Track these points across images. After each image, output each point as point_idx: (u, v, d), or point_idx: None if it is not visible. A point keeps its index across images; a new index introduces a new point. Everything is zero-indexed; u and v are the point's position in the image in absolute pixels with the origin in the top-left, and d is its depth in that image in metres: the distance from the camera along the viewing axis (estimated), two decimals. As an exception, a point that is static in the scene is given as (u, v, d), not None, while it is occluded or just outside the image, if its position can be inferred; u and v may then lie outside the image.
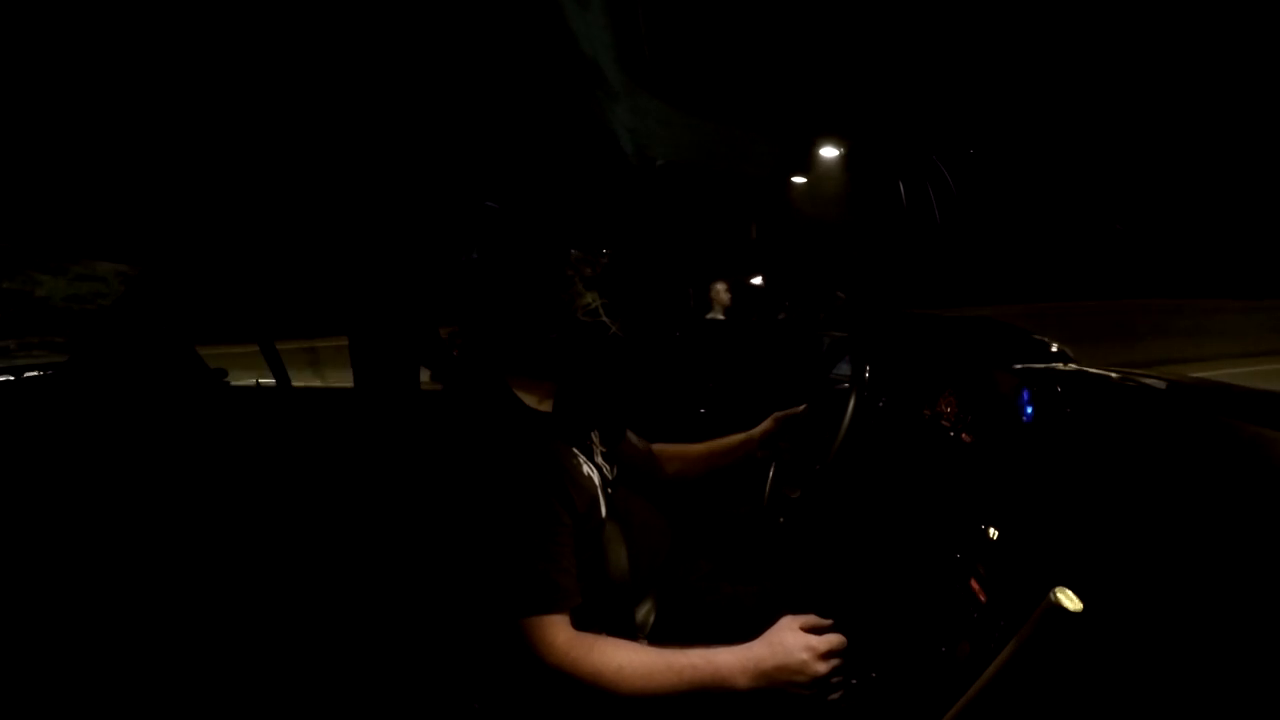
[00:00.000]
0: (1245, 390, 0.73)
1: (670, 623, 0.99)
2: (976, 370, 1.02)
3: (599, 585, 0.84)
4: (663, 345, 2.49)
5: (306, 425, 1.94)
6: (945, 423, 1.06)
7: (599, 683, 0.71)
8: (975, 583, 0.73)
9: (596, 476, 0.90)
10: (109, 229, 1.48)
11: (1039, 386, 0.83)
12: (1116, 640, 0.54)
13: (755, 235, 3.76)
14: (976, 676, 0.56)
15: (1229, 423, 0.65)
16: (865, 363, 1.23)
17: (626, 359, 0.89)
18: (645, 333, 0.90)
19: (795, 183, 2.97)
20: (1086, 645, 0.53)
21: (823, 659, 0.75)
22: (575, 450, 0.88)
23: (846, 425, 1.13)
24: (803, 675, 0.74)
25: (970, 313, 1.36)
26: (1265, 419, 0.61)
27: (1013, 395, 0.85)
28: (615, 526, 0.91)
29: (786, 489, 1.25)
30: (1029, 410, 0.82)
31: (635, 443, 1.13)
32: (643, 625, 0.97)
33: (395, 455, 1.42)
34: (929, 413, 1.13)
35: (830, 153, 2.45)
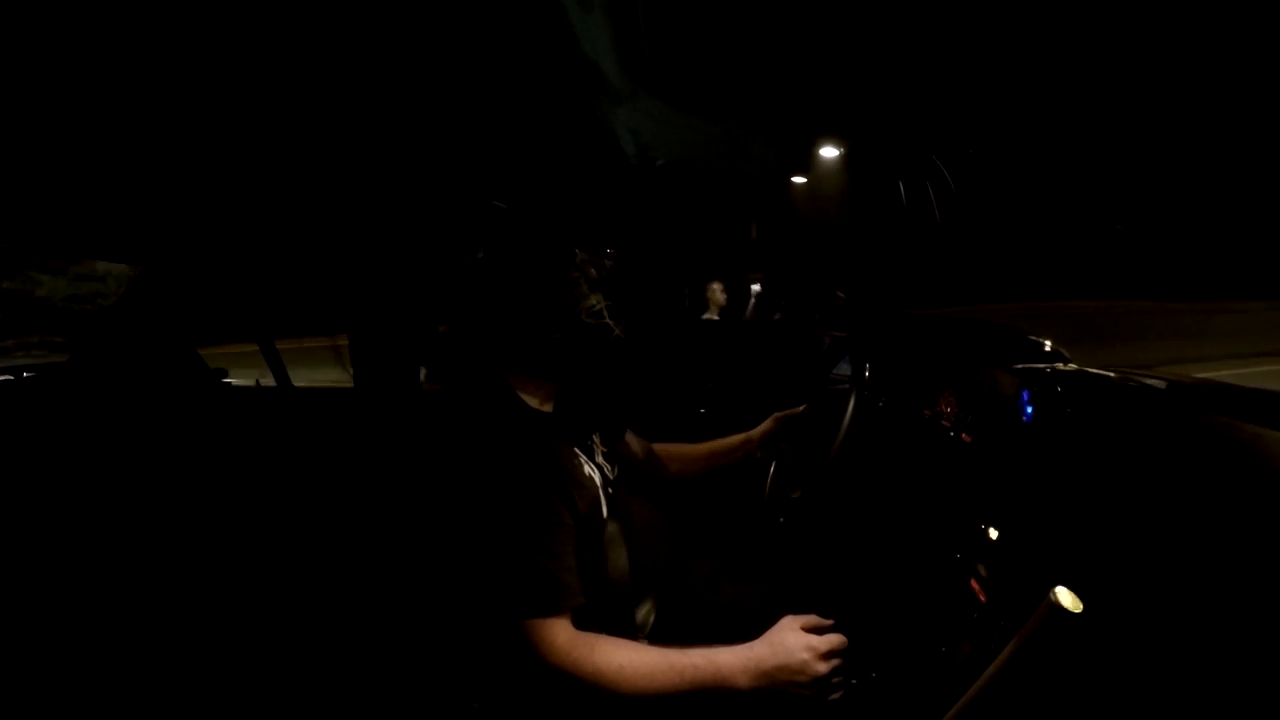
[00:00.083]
0: (1245, 390, 0.73)
1: (671, 623, 0.99)
2: (975, 370, 1.02)
3: (599, 585, 0.84)
4: (663, 346, 2.48)
5: (307, 425, 1.93)
6: (945, 423, 1.06)
7: (600, 682, 0.72)
8: (975, 583, 0.73)
9: (598, 476, 0.90)
10: (109, 229, 1.47)
11: (1039, 386, 0.83)
12: (1116, 640, 0.54)
13: (755, 235, 3.76)
14: (976, 676, 0.56)
15: (1229, 423, 0.65)
16: (865, 363, 1.23)
17: (629, 360, 0.89)
18: (647, 334, 0.90)
19: (795, 182, 2.98)
20: (1086, 645, 0.53)
21: (823, 659, 0.75)
22: (576, 450, 0.88)
23: (846, 425, 1.13)
24: (803, 675, 0.74)
25: (970, 312, 1.36)
26: (1265, 419, 0.62)
27: (1013, 395, 0.86)
28: (616, 526, 0.91)
29: (786, 489, 1.25)
30: (1029, 410, 0.82)
31: (635, 443, 1.13)
32: (643, 625, 0.97)
33: (396, 455, 1.42)
34: (929, 413, 1.13)
35: (830, 153, 2.45)
